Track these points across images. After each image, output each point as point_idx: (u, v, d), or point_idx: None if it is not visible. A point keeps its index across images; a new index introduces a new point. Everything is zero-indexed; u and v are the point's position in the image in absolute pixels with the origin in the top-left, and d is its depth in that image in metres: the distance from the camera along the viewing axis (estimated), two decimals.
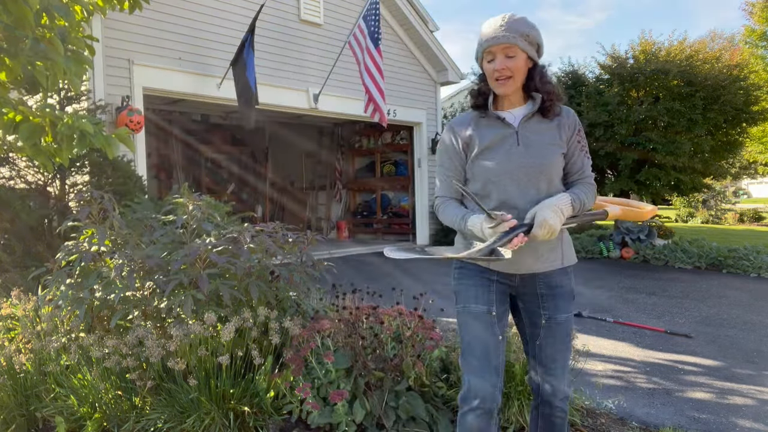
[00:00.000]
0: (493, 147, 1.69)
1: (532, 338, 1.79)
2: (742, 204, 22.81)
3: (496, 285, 1.76)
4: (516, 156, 1.67)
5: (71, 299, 2.58)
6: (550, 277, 1.75)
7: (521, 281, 1.76)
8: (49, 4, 2.07)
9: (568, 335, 1.78)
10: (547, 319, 1.74)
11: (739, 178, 19.09)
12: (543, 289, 1.75)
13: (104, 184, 4.93)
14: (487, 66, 1.68)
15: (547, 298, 1.74)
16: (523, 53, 1.64)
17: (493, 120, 1.72)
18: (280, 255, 2.93)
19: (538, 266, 1.72)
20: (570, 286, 1.78)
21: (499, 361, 1.71)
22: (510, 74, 1.64)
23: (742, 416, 2.78)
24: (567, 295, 1.77)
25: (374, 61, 7.15)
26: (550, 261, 1.73)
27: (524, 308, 1.81)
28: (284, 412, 2.45)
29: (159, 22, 6.69)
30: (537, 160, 1.66)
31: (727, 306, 5.38)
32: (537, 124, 1.70)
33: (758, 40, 13.97)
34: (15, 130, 2.18)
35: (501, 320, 1.75)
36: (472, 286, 1.77)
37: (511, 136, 1.69)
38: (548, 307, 1.74)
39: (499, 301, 1.76)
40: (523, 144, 1.68)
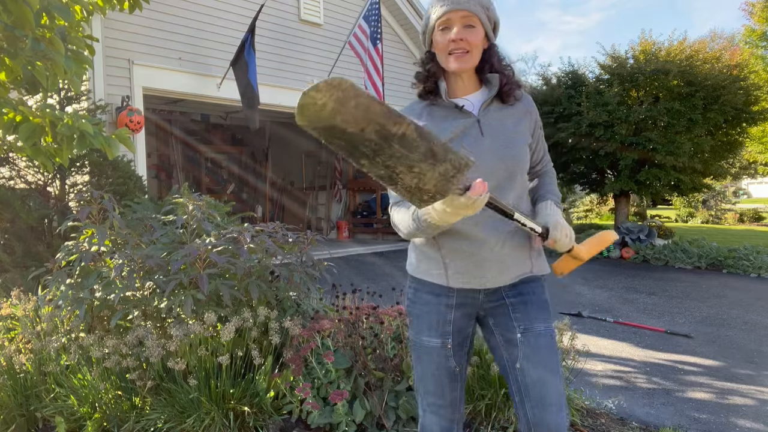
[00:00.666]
0: (455, 141, 1.41)
1: (511, 362, 1.46)
2: (742, 204, 22.82)
3: (456, 310, 1.50)
4: (484, 148, 1.41)
5: (71, 299, 2.58)
6: (518, 287, 1.49)
7: (486, 297, 1.50)
8: (49, 4, 2.07)
9: (553, 353, 1.45)
10: (522, 332, 1.44)
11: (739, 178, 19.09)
12: (511, 298, 1.49)
13: (104, 184, 4.93)
14: (440, 38, 1.42)
15: (518, 307, 1.47)
16: (482, 27, 1.41)
17: (449, 109, 1.46)
18: (280, 255, 2.93)
19: (503, 278, 1.45)
20: (544, 295, 1.51)
21: (455, 394, 1.53)
22: (468, 48, 1.40)
23: (742, 416, 2.78)
24: (541, 302, 1.49)
25: (373, 62, 7.16)
26: (518, 269, 1.47)
27: (495, 324, 1.51)
28: (284, 412, 2.45)
29: (159, 22, 6.69)
30: (508, 151, 1.43)
31: (727, 306, 5.38)
32: (498, 111, 1.47)
33: (758, 40, 13.97)
34: (15, 130, 2.18)
35: (460, 349, 1.52)
36: (426, 313, 1.52)
37: (472, 125, 1.43)
38: (521, 318, 1.46)
39: (459, 329, 1.51)
40: (487, 134, 1.43)
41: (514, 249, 1.45)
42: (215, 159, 12.67)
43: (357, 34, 7.34)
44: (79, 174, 5.19)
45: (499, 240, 1.42)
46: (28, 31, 2.00)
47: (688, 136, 8.99)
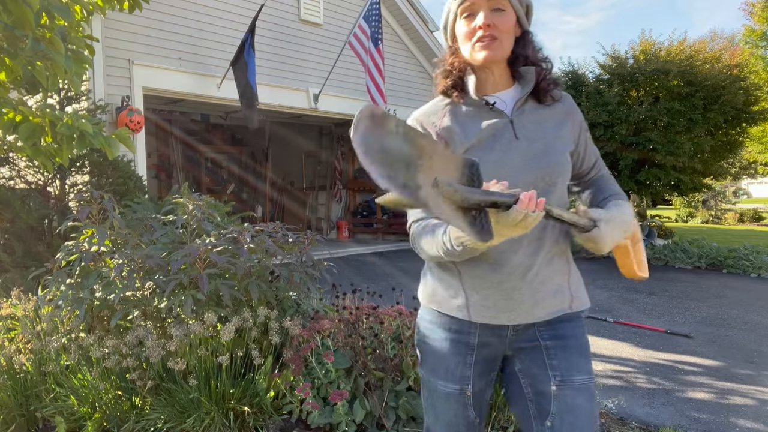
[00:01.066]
0: (484, 145, 1.19)
1: (540, 417, 1.21)
2: (742, 204, 22.83)
3: (478, 351, 1.24)
4: (518, 154, 1.18)
5: (71, 299, 2.58)
6: (555, 326, 1.22)
7: (515, 334, 1.23)
8: (49, 4, 2.07)
9: (592, 412, 1.20)
10: (558, 384, 1.18)
11: (739, 178, 19.11)
12: (548, 340, 1.22)
13: (104, 184, 4.93)
14: (464, 26, 1.21)
15: (556, 352, 1.21)
16: (512, 11, 1.20)
17: (477, 107, 1.23)
18: (280, 255, 2.93)
19: (538, 312, 1.20)
20: (584, 337, 1.25)
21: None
22: (498, 33, 1.17)
23: (742, 416, 2.78)
24: (582, 347, 1.23)
25: (374, 62, 7.16)
26: (556, 304, 1.21)
27: (522, 371, 1.25)
28: (284, 412, 2.45)
29: (159, 22, 6.69)
30: (548, 158, 1.19)
31: (727, 306, 5.38)
32: (535, 112, 1.24)
33: (758, 40, 13.97)
34: (15, 130, 2.18)
35: (481, 397, 1.28)
36: (442, 354, 1.26)
37: (505, 127, 1.20)
38: (559, 366, 1.20)
39: (480, 373, 1.26)
40: (523, 137, 1.20)
41: (550, 277, 1.20)
42: (215, 159, 12.67)
43: (357, 34, 7.34)
44: (79, 174, 5.20)
45: (534, 265, 1.18)
46: (28, 31, 2.00)
47: (688, 136, 8.99)
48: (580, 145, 1.30)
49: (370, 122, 0.84)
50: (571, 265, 1.26)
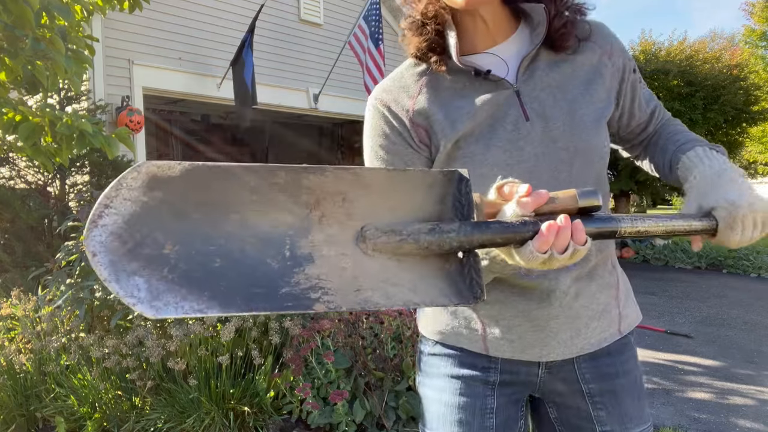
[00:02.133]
0: (480, 135, 0.83)
1: None
2: None
3: (500, 391, 0.91)
4: (530, 140, 0.82)
5: (71, 299, 2.58)
6: (601, 358, 0.90)
7: (548, 373, 0.90)
8: (49, 4, 2.07)
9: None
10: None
11: None
12: (591, 383, 0.90)
13: (104, 184, 4.93)
14: None
15: (604, 399, 0.89)
16: None
17: (466, 76, 0.85)
18: None
19: (578, 344, 0.87)
20: (638, 370, 0.93)
21: None
22: None
23: (742, 416, 2.78)
24: (636, 387, 0.92)
25: (375, 62, 7.16)
26: (601, 330, 0.89)
27: (559, 420, 0.93)
28: (284, 412, 2.45)
29: (159, 22, 6.69)
30: (573, 140, 0.82)
31: (727, 306, 5.38)
32: (552, 68, 0.84)
33: (758, 40, 13.97)
34: (15, 130, 2.18)
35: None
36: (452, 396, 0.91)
37: (508, 103, 0.83)
38: (608, 419, 0.89)
39: (505, 423, 0.91)
40: (536, 115, 0.82)
41: (595, 295, 0.88)
42: (215, 159, 12.66)
43: (357, 34, 7.34)
44: (79, 174, 5.20)
45: (572, 285, 0.85)
46: (28, 30, 2.00)
47: None
48: (625, 96, 0.89)
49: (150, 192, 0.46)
50: (618, 273, 0.94)
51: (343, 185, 0.55)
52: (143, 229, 0.45)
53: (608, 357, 0.90)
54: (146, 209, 0.45)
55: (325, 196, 0.53)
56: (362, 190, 0.56)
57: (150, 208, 0.46)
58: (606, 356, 0.90)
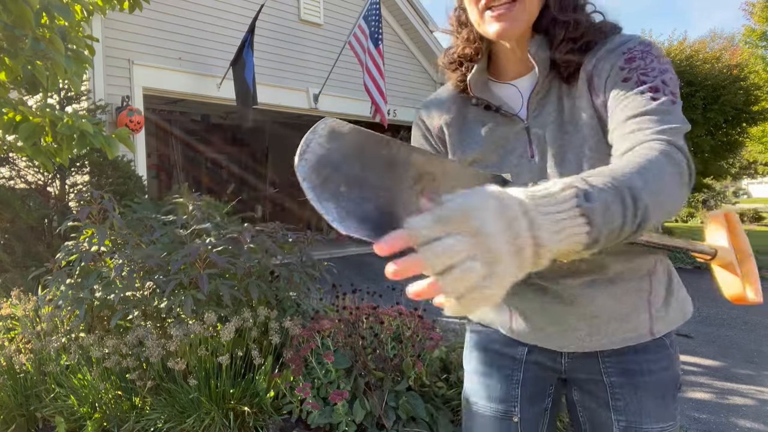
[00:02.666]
0: (492, 161, 0.91)
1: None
2: (741, 204, 22.82)
3: (526, 367, 1.00)
4: (530, 179, 0.87)
5: (71, 299, 2.58)
6: (627, 357, 0.93)
7: (571, 361, 0.97)
8: (49, 4, 2.07)
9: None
10: (624, 430, 0.93)
11: (739, 178, 19.11)
12: (613, 376, 0.94)
13: (104, 184, 4.93)
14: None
15: (624, 391, 0.93)
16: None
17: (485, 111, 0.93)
18: (280, 255, 2.93)
19: (598, 341, 0.92)
20: (671, 370, 0.94)
21: None
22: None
23: (742, 416, 2.78)
24: (662, 386, 0.93)
25: (375, 62, 7.16)
26: (626, 331, 0.91)
27: (582, 403, 0.99)
28: (284, 412, 2.45)
29: (159, 22, 6.69)
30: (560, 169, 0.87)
31: (727, 306, 5.38)
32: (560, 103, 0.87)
33: (758, 40, 13.96)
34: (15, 130, 2.18)
35: (534, 427, 1.00)
36: (485, 365, 1.03)
37: (517, 137, 0.89)
38: (626, 409, 0.93)
39: (531, 397, 0.99)
40: (540, 153, 0.87)
41: (619, 299, 0.90)
42: (215, 159, 12.67)
43: (356, 34, 7.34)
44: (79, 174, 5.20)
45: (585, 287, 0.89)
46: (28, 30, 2.00)
47: (688, 136, 9.00)
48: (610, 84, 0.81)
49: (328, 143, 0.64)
50: (656, 277, 0.94)
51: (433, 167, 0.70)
52: (327, 170, 0.62)
53: (635, 354, 0.93)
54: (329, 154, 0.63)
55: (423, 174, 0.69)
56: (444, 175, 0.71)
57: (331, 155, 0.63)
58: (633, 353, 0.93)
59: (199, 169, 12.47)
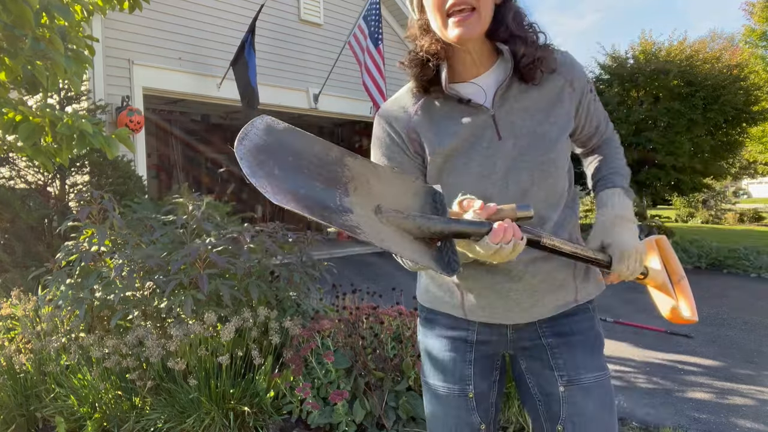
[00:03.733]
0: (461, 150, 1.05)
1: (550, 420, 1.11)
2: (742, 204, 22.82)
3: (477, 348, 1.15)
4: (501, 159, 1.03)
5: (71, 299, 2.58)
6: (559, 322, 1.12)
7: (515, 332, 1.14)
8: (48, 4, 2.07)
9: (607, 410, 1.08)
10: (566, 384, 1.09)
11: (739, 178, 19.12)
12: (550, 337, 1.12)
13: (104, 184, 4.93)
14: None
15: (560, 350, 1.11)
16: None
17: (452, 104, 1.07)
18: (280, 255, 2.93)
19: (537, 311, 1.10)
20: (593, 330, 1.14)
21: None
22: (474, 3, 0.97)
23: (742, 416, 2.78)
24: (590, 342, 1.12)
25: (374, 62, 7.15)
26: (558, 299, 1.11)
27: (529, 370, 1.16)
28: (284, 412, 2.45)
29: (159, 22, 6.69)
30: (535, 154, 1.03)
31: (727, 306, 5.38)
32: (522, 96, 1.05)
33: (758, 40, 13.96)
34: (15, 130, 2.18)
35: (485, 401, 1.16)
36: (439, 351, 1.17)
37: (485, 125, 1.04)
38: (565, 365, 1.10)
39: (482, 373, 1.15)
40: (508, 134, 1.04)
41: (550, 274, 1.09)
42: (215, 159, 12.67)
43: (356, 34, 7.34)
44: (79, 174, 5.20)
45: (528, 265, 1.07)
46: (27, 30, 2.00)
47: (688, 136, 8.99)
48: (581, 112, 1.11)
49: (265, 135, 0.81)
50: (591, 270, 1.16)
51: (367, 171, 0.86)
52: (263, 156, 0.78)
53: (565, 318, 1.12)
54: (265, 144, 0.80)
55: (357, 175, 0.85)
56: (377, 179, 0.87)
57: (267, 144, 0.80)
58: (563, 318, 1.12)
59: (199, 169, 12.47)
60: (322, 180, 0.82)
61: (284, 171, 0.79)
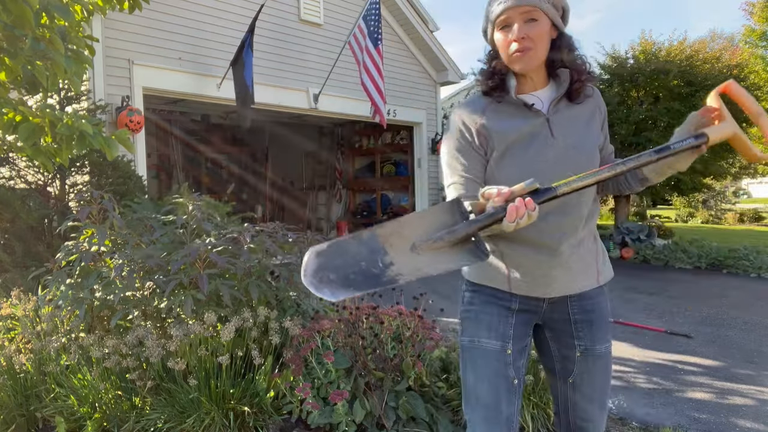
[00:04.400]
0: (522, 142, 1.33)
1: (563, 375, 1.45)
2: (742, 204, 22.82)
3: (517, 315, 1.42)
4: (553, 151, 1.32)
5: (71, 299, 2.58)
6: (585, 299, 1.41)
7: (550, 306, 1.42)
8: (48, 4, 2.07)
9: (607, 371, 1.45)
10: (582, 351, 1.41)
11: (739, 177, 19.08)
12: (577, 314, 1.42)
13: (104, 184, 4.93)
14: (501, 36, 1.32)
15: (582, 325, 1.41)
16: (546, 18, 1.29)
17: (516, 107, 1.35)
18: (280, 255, 2.93)
19: (572, 287, 1.38)
20: (607, 309, 1.46)
21: (512, 410, 1.39)
22: (531, 45, 1.28)
23: (742, 416, 2.78)
24: (605, 319, 1.44)
25: (374, 62, 7.14)
26: (586, 279, 1.40)
27: (553, 338, 1.47)
28: (284, 412, 2.45)
29: (159, 22, 6.68)
30: (581, 153, 1.33)
31: (727, 306, 5.38)
32: (568, 109, 1.37)
33: (758, 40, 13.94)
34: (15, 130, 2.18)
35: (518, 359, 1.42)
36: (486, 314, 1.41)
37: (542, 126, 1.34)
38: (584, 336, 1.41)
39: (519, 336, 1.42)
40: (558, 134, 1.33)
41: (582, 257, 1.38)
42: (215, 159, 12.67)
43: (356, 34, 7.33)
44: (79, 174, 5.19)
45: (568, 248, 1.34)
46: (27, 30, 2.00)
47: None
48: (603, 130, 1.44)
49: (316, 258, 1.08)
50: (598, 243, 1.45)
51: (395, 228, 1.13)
52: (320, 273, 1.07)
53: (589, 299, 1.42)
54: (318, 265, 1.07)
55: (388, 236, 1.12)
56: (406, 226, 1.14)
57: (319, 265, 1.07)
58: (588, 298, 1.42)
59: (199, 169, 12.47)
60: (364, 257, 1.09)
61: (336, 272, 1.06)
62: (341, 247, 1.09)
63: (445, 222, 1.14)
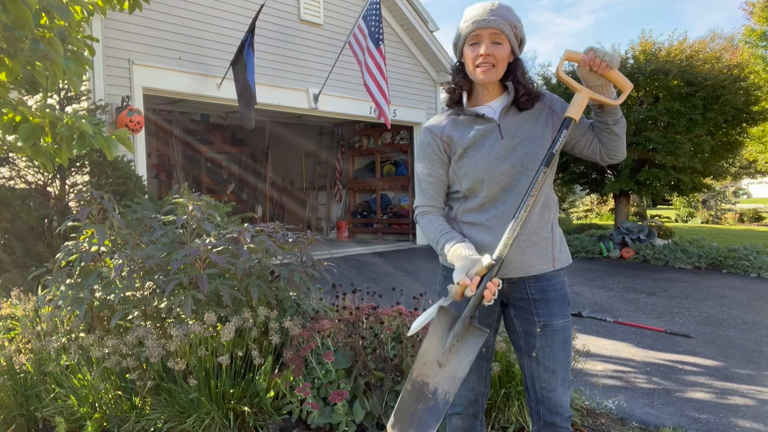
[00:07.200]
0: (476, 144, 1.62)
1: (527, 350, 1.66)
2: (742, 204, 22.81)
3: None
4: (501, 149, 1.59)
5: (71, 299, 2.58)
6: (541, 281, 1.63)
7: (509, 286, 1.65)
8: (48, 4, 2.07)
9: (567, 344, 1.64)
10: (542, 327, 1.61)
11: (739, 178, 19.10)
12: (534, 294, 1.63)
13: (104, 184, 4.93)
14: (470, 51, 1.58)
15: (540, 303, 1.62)
16: (508, 44, 1.57)
17: (472, 117, 1.65)
18: (280, 255, 2.93)
19: (525, 269, 1.61)
20: (564, 290, 1.66)
21: (481, 371, 1.70)
22: (494, 62, 1.55)
23: (742, 416, 2.78)
24: (561, 299, 1.65)
25: (375, 62, 7.14)
26: (540, 263, 1.62)
27: (516, 315, 1.68)
28: (284, 412, 2.45)
29: (159, 22, 6.69)
30: (521, 148, 1.59)
31: (727, 306, 5.38)
32: (517, 115, 1.63)
33: (758, 40, 13.95)
34: (15, 130, 2.18)
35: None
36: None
37: (492, 130, 1.62)
38: (542, 313, 1.62)
39: (485, 312, 1.67)
40: (507, 135, 1.61)
41: (535, 243, 1.61)
42: (215, 159, 12.67)
43: (356, 34, 7.33)
44: (79, 174, 5.20)
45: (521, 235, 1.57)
46: (27, 31, 2.00)
47: (688, 136, 8.98)
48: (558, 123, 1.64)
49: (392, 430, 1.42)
50: (555, 232, 1.67)
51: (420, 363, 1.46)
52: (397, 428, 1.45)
53: (545, 280, 1.64)
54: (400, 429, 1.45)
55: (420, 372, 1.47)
56: (426, 354, 1.46)
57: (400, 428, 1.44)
58: (544, 280, 1.64)
59: (199, 169, 12.47)
60: (419, 400, 1.42)
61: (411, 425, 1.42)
62: (400, 406, 1.42)
63: (446, 326, 1.46)
